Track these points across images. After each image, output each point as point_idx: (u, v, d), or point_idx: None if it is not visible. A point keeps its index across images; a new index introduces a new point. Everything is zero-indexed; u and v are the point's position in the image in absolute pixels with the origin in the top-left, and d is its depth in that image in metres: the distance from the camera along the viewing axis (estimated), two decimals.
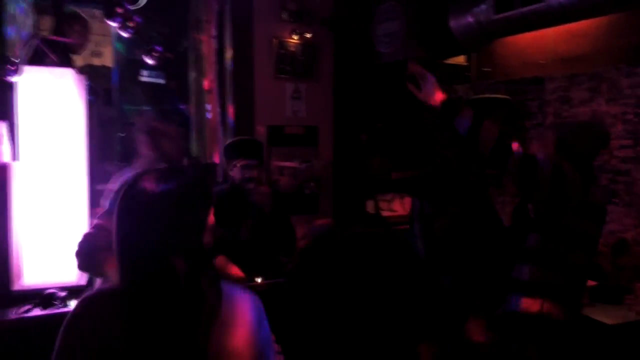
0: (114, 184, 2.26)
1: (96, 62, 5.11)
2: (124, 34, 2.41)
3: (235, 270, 2.30)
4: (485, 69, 4.28)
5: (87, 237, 2.08)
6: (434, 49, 3.66)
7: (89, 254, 1.99)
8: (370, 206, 3.98)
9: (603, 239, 3.10)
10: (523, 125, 3.66)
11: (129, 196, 1.08)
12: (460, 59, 4.33)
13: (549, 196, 1.88)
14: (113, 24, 2.33)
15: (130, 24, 2.34)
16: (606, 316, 2.51)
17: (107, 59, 4.89)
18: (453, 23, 3.46)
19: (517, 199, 3.04)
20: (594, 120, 3.08)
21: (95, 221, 2.14)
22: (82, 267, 2.03)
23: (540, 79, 3.57)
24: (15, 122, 2.45)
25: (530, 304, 1.94)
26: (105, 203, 2.22)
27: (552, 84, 3.50)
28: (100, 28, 4.20)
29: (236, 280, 2.22)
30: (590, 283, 2.75)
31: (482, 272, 2.17)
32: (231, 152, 2.61)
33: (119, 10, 2.29)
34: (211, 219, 1.13)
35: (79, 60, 3.71)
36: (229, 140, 2.84)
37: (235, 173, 2.52)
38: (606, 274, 2.89)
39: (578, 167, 1.97)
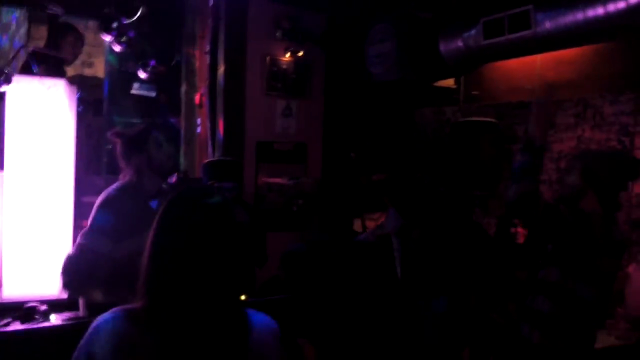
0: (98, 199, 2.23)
1: (88, 72, 5.09)
2: (117, 48, 2.41)
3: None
4: (474, 93, 4.35)
5: (71, 259, 2.05)
6: (424, 71, 3.72)
7: (74, 276, 1.97)
8: (357, 224, 3.99)
9: None
10: (509, 149, 3.72)
11: (176, 209, 1.08)
12: (450, 82, 4.40)
13: (573, 242, 1.93)
14: (107, 38, 2.34)
15: (124, 39, 2.35)
16: None
17: (98, 70, 4.88)
18: (443, 47, 3.52)
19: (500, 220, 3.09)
20: (622, 150, 3.04)
21: (79, 240, 2.10)
22: (66, 287, 2.01)
23: (527, 104, 3.64)
24: (3, 131, 2.42)
25: (545, 338, 1.96)
26: (87, 220, 2.19)
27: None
28: (93, 39, 4.20)
29: None
30: None
31: (471, 290, 2.17)
32: (208, 173, 2.61)
33: (114, 25, 2.30)
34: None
35: (70, 70, 3.71)
36: (207, 160, 2.84)
37: None
38: None
39: (602, 198, 1.98)
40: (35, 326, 1.90)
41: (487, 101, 4.13)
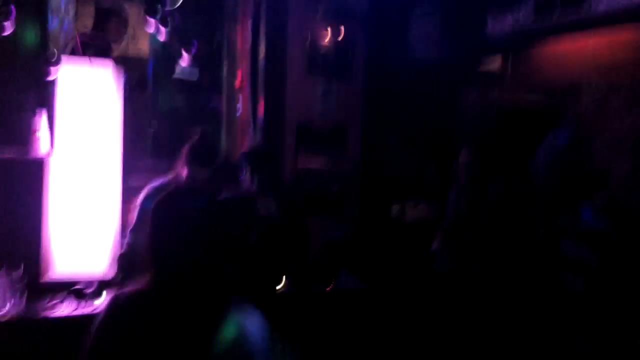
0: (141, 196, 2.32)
1: (132, 49, 5.19)
2: (162, 31, 2.44)
3: None
4: (521, 75, 4.19)
5: (123, 257, 2.18)
6: (470, 51, 3.61)
7: (130, 273, 2.10)
8: (395, 209, 3.95)
9: None
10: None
11: (164, 211, 1.22)
12: (496, 63, 4.24)
13: None
14: (152, 21, 2.37)
15: (168, 22, 2.38)
16: None
17: (143, 49, 4.96)
18: (491, 25, 3.40)
19: None
20: None
21: (127, 239, 2.21)
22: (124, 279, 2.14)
23: (577, 88, 3.48)
24: (54, 114, 2.51)
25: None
26: (132, 216, 2.28)
27: (589, 93, 3.40)
28: (138, 18, 4.25)
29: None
30: None
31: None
32: (244, 163, 2.64)
33: (159, 7, 2.33)
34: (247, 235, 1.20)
35: (115, 50, 3.77)
36: (243, 150, 2.87)
37: (246, 182, 2.55)
38: None
39: None
40: (82, 312, 1.97)
41: (535, 84, 3.96)
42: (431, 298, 2.55)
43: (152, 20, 2.37)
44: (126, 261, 2.17)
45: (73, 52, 2.57)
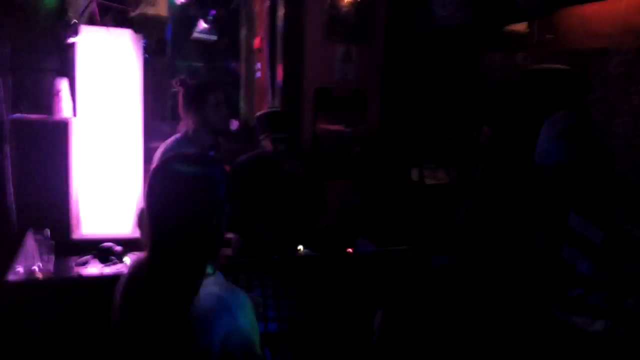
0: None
1: (151, 11, 5.16)
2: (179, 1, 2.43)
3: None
4: (548, 37, 4.06)
5: (143, 213, 2.24)
6: (493, 15, 3.49)
7: None
8: (414, 174, 3.95)
9: None
10: (584, 99, 3.50)
11: (159, 176, 1.21)
12: (521, 26, 4.12)
13: None
14: None
15: None
16: None
17: (161, 9, 4.93)
18: None
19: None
20: None
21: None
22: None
23: (605, 51, 3.36)
24: (75, 79, 2.55)
25: None
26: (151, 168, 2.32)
27: (618, 57, 3.29)
28: None
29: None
30: None
31: None
32: (262, 124, 2.64)
33: None
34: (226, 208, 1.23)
35: (133, 12, 3.76)
36: (260, 112, 2.89)
37: (266, 144, 2.58)
38: None
39: None
40: (110, 273, 2.05)
41: (562, 47, 3.85)
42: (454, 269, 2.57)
43: None
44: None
45: (91, 19, 2.57)
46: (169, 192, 1.18)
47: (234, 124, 3.01)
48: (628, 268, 1.80)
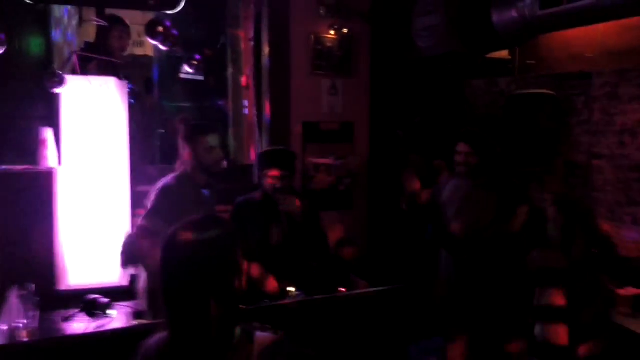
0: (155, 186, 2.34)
1: (138, 51, 5.21)
2: (164, 48, 2.46)
3: (272, 285, 2.34)
4: (530, 62, 4.12)
5: (130, 237, 2.23)
6: (475, 44, 3.55)
7: (131, 248, 2.13)
8: (404, 202, 3.94)
9: None
10: (567, 122, 3.53)
11: (170, 248, 1.14)
12: (503, 52, 4.18)
13: None
14: (154, 42, 2.39)
15: (170, 39, 2.41)
16: None
17: (149, 49, 4.98)
18: (496, 17, 3.33)
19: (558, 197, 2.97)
20: None
21: (140, 222, 2.23)
22: (125, 262, 2.17)
23: (587, 74, 3.41)
24: (60, 128, 2.55)
25: None
26: (147, 203, 2.30)
27: (600, 79, 3.33)
28: (142, 19, 4.27)
29: (271, 294, 2.27)
30: (633, 291, 2.65)
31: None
32: (264, 161, 2.64)
33: (160, 30, 2.35)
34: (244, 265, 1.17)
35: (119, 57, 3.79)
36: (263, 150, 2.88)
37: (267, 182, 2.57)
38: None
39: None
40: (98, 330, 2.00)
41: (544, 71, 3.90)
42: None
43: (153, 42, 2.39)
44: (132, 242, 2.19)
45: (73, 70, 2.59)
46: (190, 263, 1.11)
47: (224, 163, 3.00)
48: None
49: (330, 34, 3.79)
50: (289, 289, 2.30)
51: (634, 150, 3.13)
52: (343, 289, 2.36)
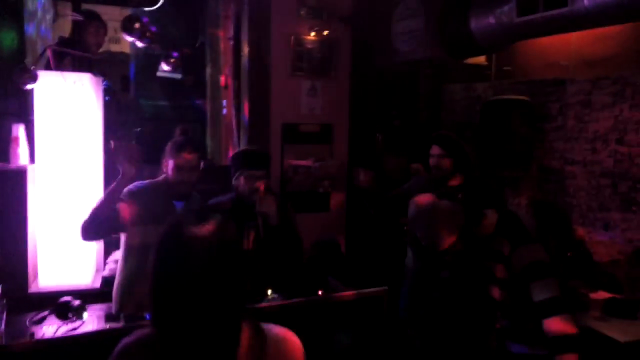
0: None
1: (114, 48, 5.11)
2: (141, 44, 2.41)
3: None
4: (506, 68, 4.20)
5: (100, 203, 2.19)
6: (454, 49, 3.59)
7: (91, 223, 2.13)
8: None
9: (619, 246, 3.07)
10: (542, 128, 3.60)
11: (170, 242, 1.05)
12: (481, 58, 4.25)
13: None
14: (130, 39, 2.34)
15: (147, 35, 2.36)
16: (619, 332, 2.45)
17: (125, 46, 4.89)
18: (474, 23, 3.37)
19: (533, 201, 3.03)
20: None
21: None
22: (84, 231, 2.13)
23: (561, 81, 3.49)
24: (32, 125, 2.47)
25: None
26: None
27: (574, 86, 3.41)
28: (119, 14, 4.19)
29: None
30: (604, 295, 2.71)
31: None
32: (237, 162, 2.56)
33: (137, 26, 2.30)
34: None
35: (94, 53, 3.72)
36: (235, 150, 2.82)
37: (240, 183, 2.48)
38: (621, 285, 2.85)
39: None
40: (70, 334, 1.94)
41: (520, 77, 3.97)
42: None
43: (130, 38, 2.34)
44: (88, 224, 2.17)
45: (47, 65, 2.52)
46: (198, 259, 1.01)
47: (201, 164, 2.95)
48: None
49: (311, 36, 3.78)
50: (268, 292, 2.27)
51: (605, 156, 3.21)
52: (320, 292, 2.34)
